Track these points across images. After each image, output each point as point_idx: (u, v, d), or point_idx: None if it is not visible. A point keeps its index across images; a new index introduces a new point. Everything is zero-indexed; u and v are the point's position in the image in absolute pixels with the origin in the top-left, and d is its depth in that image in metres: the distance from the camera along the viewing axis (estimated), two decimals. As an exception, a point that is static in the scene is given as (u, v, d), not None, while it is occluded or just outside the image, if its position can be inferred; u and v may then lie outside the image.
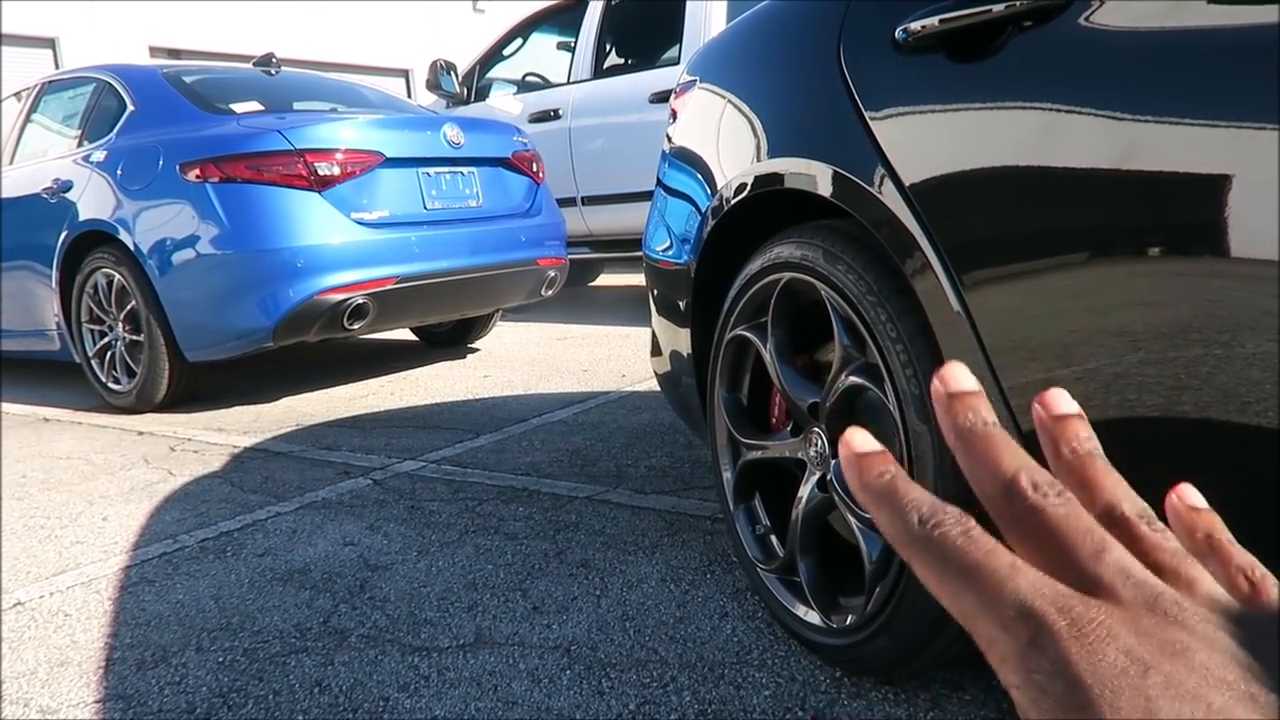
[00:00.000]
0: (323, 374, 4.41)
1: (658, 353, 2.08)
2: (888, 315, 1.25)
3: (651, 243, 2.03)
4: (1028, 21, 1.01)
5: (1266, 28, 0.80)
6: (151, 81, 4.09)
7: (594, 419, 3.16)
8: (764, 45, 1.62)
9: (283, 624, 1.77)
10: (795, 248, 1.45)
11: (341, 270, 3.51)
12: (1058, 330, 0.99)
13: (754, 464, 1.66)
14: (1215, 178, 0.82)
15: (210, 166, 3.48)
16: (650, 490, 2.39)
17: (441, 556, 2.04)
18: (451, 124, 4.00)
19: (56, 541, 2.35)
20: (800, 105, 1.45)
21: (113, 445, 3.34)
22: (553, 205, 4.49)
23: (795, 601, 1.52)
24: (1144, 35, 0.90)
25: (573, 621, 1.70)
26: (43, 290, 4.18)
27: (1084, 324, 0.96)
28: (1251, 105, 0.79)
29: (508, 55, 6.21)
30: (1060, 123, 0.96)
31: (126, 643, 1.75)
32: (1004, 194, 1.04)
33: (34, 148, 4.49)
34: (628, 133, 5.11)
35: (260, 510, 2.46)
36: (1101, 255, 0.93)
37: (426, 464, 2.78)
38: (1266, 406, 0.82)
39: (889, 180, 1.19)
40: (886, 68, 1.23)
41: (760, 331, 1.57)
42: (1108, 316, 0.93)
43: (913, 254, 1.16)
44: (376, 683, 1.54)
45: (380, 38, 15.57)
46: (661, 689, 1.46)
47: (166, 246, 3.56)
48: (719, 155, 1.70)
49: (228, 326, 3.55)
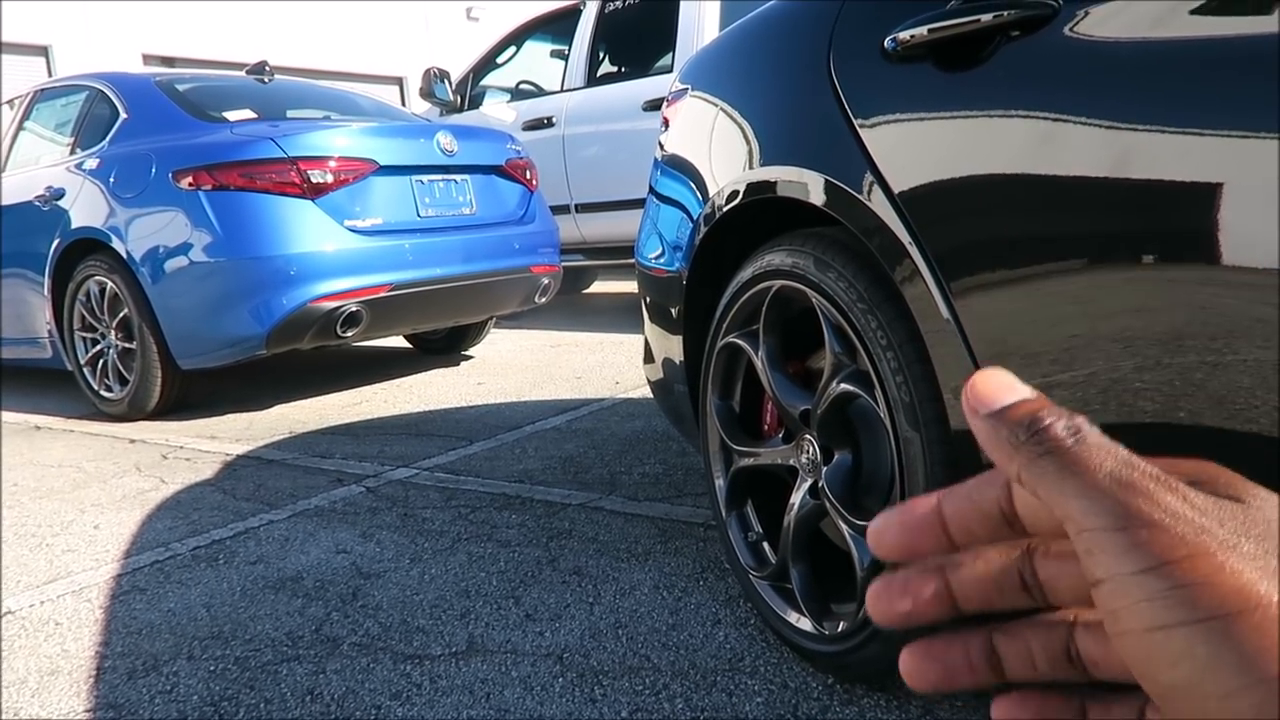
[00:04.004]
0: (316, 381, 4.40)
1: (650, 360, 2.08)
2: (878, 322, 1.26)
3: (644, 250, 2.04)
4: (1015, 31, 1.02)
5: (1249, 37, 0.81)
6: (144, 89, 4.09)
7: (587, 426, 3.16)
8: (755, 54, 1.63)
9: (275, 632, 1.77)
10: (786, 255, 1.45)
11: (334, 278, 3.51)
12: (1046, 337, 1.00)
13: (746, 471, 1.66)
14: (1201, 185, 0.83)
15: (203, 174, 3.48)
16: (643, 497, 2.39)
17: (434, 564, 2.04)
18: (445, 132, 4.01)
19: (48, 550, 2.34)
20: (791, 113, 1.46)
21: (105, 453, 3.33)
22: (546, 213, 4.50)
23: (787, 608, 1.53)
24: (1127, 45, 0.91)
25: (565, 629, 1.70)
26: (35, 298, 4.17)
27: (1072, 330, 0.97)
28: (1235, 113, 0.80)
29: (501, 63, 6.22)
30: (1047, 131, 0.97)
31: (117, 651, 1.75)
32: (992, 201, 1.05)
33: (26, 155, 4.49)
34: (621, 140, 5.13)
35: (253, 518, 2.46)
36: (1089, 262, 0.94)
37: (419, 471, 2.77)
38: (1259, 414, 0.83)
39: (878, 188, 1.20)
40: (876, 76, 1.24)
41: (752, 339, 1.58)
42: (1096, 323, 0.94)
43: (902, 261, 1.17)
44: (369, 691, 1.54)
45: (374, 45, 15.58)
46: (654, 696, 1.46)
47: (159, 254, 3.56)
48: (711, 163, 1.71)
49: (220, 334, 3.54)
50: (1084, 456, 0.26)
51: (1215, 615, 0.23)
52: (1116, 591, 0.24)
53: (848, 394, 1.35)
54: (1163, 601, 0.23)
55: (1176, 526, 0.24)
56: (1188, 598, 0.23)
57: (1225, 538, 0.24)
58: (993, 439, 0.28)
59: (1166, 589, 0.23)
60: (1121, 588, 0.24)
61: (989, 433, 0.28)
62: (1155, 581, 0.24)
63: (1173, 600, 0.23)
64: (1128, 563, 0.24)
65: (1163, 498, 0.25)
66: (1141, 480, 0.25)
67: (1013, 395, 0.28)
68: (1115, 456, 0.26)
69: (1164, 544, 0.24)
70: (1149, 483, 0.25)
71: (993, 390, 0.29)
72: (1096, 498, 0.25)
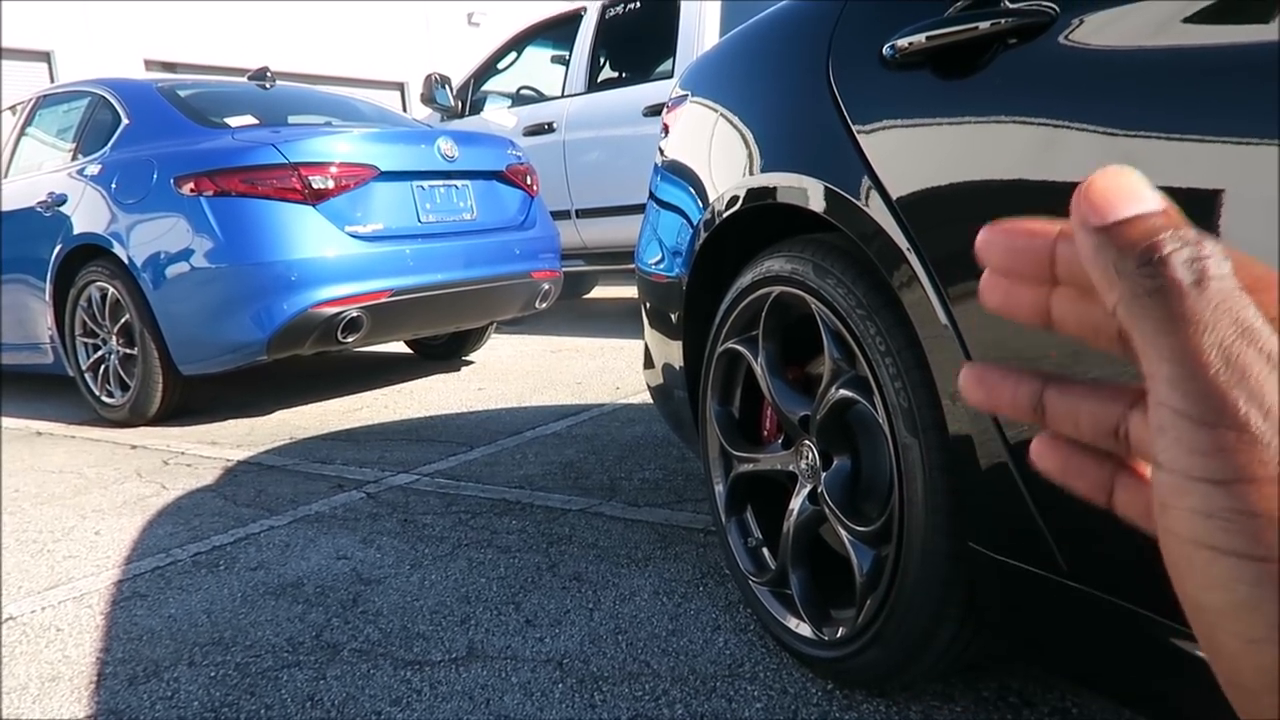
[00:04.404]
0: (317, 387, 4.41)
1: (650, 365, 2.09)
2: (877, 329, 1.26)
3: (644, 256, 2.04)
4: (1012, 39, 1.03)
5: (1245, 45, 0.81)
6: (146, 95, 4.10)
7: (588, 431, 3.17)
8: (755, 60, 1.63)
9: (275, 638, 1.77)
10: (785, 261, 1.46)
11: (335, 283, 3.52)
12: (1044, 343, 1.00)
13: (746, 477, 1.66)
14: (1199, 190, 0.83)
15: (205, 180, 3.49)
16: (643, 503, 2.39)
17: (434, 570, 2.04)
18: (446, 137, 4.02)
19: (49, 556, 2.34)
20: (790, 120, 1.46)
21: (106, 459, 3.33)
22: (547, 218, 4.50)
23: (787, 614, 1.53)
24: (1124, 52, 0.91)
25: (565, 635, 1.70)
26: (36, 303, 4.18)
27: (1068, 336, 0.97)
28: (1232, 119, 0.80)
29: (502, 69, 6.23)
30: (1044, 137, 0.97)
31: (118, 657, 1.75)
32: (989, 207, 1.05)
33: (29, 161, 4.50)
34: (622, 145, 5.14)
35: (253, 524, 2.46)
36: (1086, 269, 0.94)
37: (420, 477, 2.78)
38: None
39: (876, 194, 1.20)
40: (874, 83, 1.25)
41: (751, 345, 1.58)
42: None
43: (900, 267, 1.17)
44: (369, 697, 1.54)
45: (375, 51, 15.61)
46: (654, 702, 1.46)
47: (161, 260, 3.57)
48: (711, 169, 1.71)
49: (222, 340, 3.55)
50: (1198, 310, 0.21)
51: (1273, 558, 0.20)
52: (1176, 488, 0.21)
53: (847, 400, 1.35)
54: (1223, 523, 0.21)
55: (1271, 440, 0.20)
56: (1251, 529, 0.20)
57: None
58: (1097, 258, 0.23)
59: (1232, 510, 0.21)
60: (1183, 487, 0.21)
61: (1094, 250, 0.23)
62: (1222, 497, 0.21)
63: (1234, 526, 0.21)
64: (1200, 465, 0.21)
65: (1269, 395, 0.21)
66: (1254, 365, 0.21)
67: (1135, 205, 0.23)
68: (1235, 319, 0.21)
69: (1247, 458, 0.20)
70: (1261, 369, 0.21)
71: (1112, 195, 0.23)
72: (1194, 373, 0.21)
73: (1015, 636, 1.17)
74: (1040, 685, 1.42)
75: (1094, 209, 0.23)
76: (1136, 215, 0.23)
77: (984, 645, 1.28)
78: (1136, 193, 0.23)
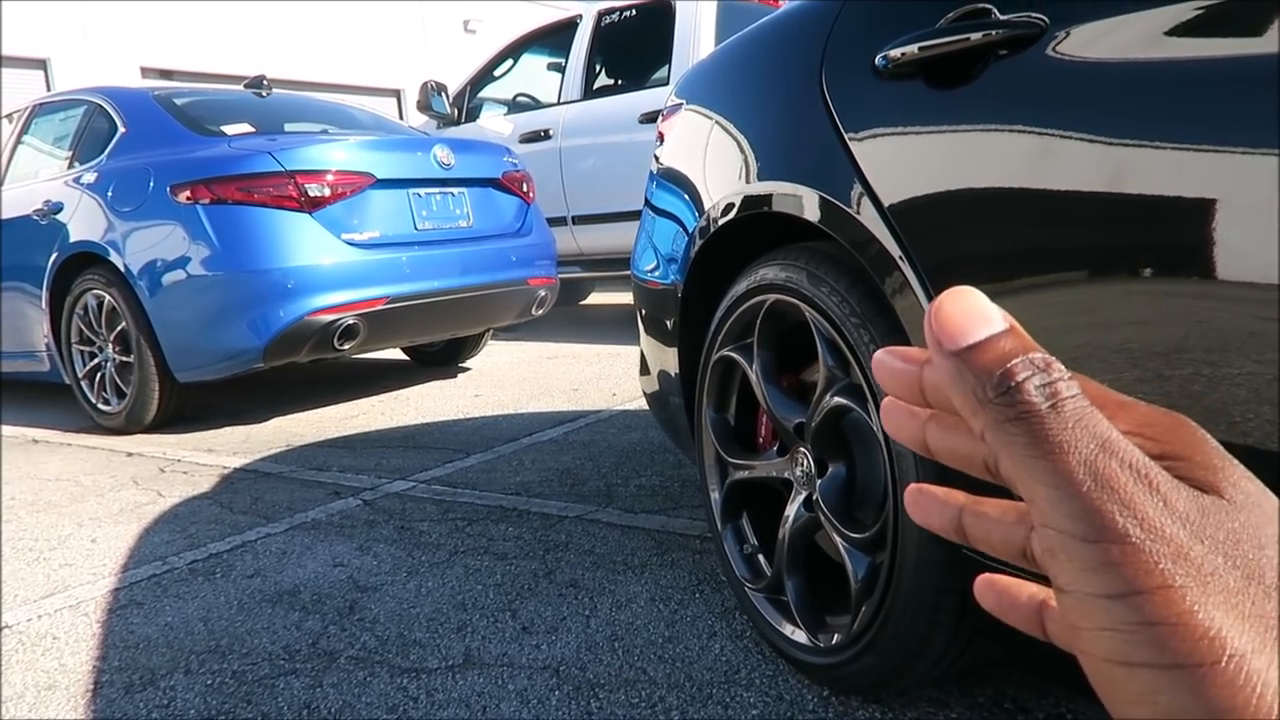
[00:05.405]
0: (313, 394, 4.41)
1: (646, 372, 2.09)
2: (870, 336, 1.27)
3: (639, 263, 2.05)
4: (1003, 50, 1.04)
5: (1225, 59, 0.82)
6: (142, 103, 4.11)
7: (584, 438, 3.17)
8: (749, 69, 1.64)
9: (272, 646, 1.77)
10: (780, 269, 1.46)
11: (332, 291, 3.52)
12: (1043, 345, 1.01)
13: (741, 483, 1.67)
14: (1188, 199, 0.84)
15: (201, 188, 3.49)
16: (640, 509, 2.39)
17: (431, 577, 2.04)
18: (442, 145, 4.03)
19: (45, 564, 2.34)
20: (784, 128, 1.47)
21: (102, 466, 3.33)
22: (543, 225, 4.51)
23: (782, 620, 1.53)
24: (1111, 64, 0.92)
25: (562, 642, 1.70)
26: (32, 311, 4.18)
27: (1060, 343, 0.98)
28: (1218, 128, 0.81)
29: (498, 76, 6.25)
30: (1035, 146, 0.98)
31: (115, 666, 1.75)
32: (980, 215, 1.06)
33: (25, 169, 4.50)
34: (617, 152, 5.15)
35: (250, 531, 2.46)
36: (1076, 275, 0.95)
37: (416, 484, 2.78)
38: (1254, 426, 0.84)
39: (869, 202, 1.21)
40: (867, 93, 1.26)
41: (746, 352, 1.59)
42: (1083, 335, 0.95)
43: (892, 274, 1.18)
44: (365, 704, 1.54)
45: (371, 59, 15.63)
46: (650, 709, 1.46)
47: (157, 267, 3.57)
48: (706, 177, 1.72)
49: (218, 347, 3.55)
50: (1058, 433, 0.22)
51: (1183, 664, 0.20)
52: (1079, 609, 0.22)
53: (841, 407, 1.36)
54: (1129, 636, 0.21)
55: (1152, 548, 0.21)
56: (1156, 639, 0.21)
57: (1204, 562, 0.21)
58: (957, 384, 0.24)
59: (1134, 624, 0.21)
60: (1085, 607, 0.22)
61: (952, 376, 0.24)
62: (1123, 611, 0.21)
63: (1140, 639, 0.21)
64: (1094, 583, 0.21)
65: (1141, 504, 0.22)
66: (1120, 476, 0.22)
67: (983, 327, 0.24)
68: (1093, 435, 0.22)
69: (1137, 569, 0.21)
70: (1128, 479, 0.22)
71: (959, 319, 0.24)
72: (1067, 494, 0.22)
73: (1010, 642, 1.18)
74: (1035, 691, 1.43)
75: (946, 334, 0.24)
76: (987, 339, 0.23)
77: (979, 651, 1.28)
78: (983, 314, 0.24)
